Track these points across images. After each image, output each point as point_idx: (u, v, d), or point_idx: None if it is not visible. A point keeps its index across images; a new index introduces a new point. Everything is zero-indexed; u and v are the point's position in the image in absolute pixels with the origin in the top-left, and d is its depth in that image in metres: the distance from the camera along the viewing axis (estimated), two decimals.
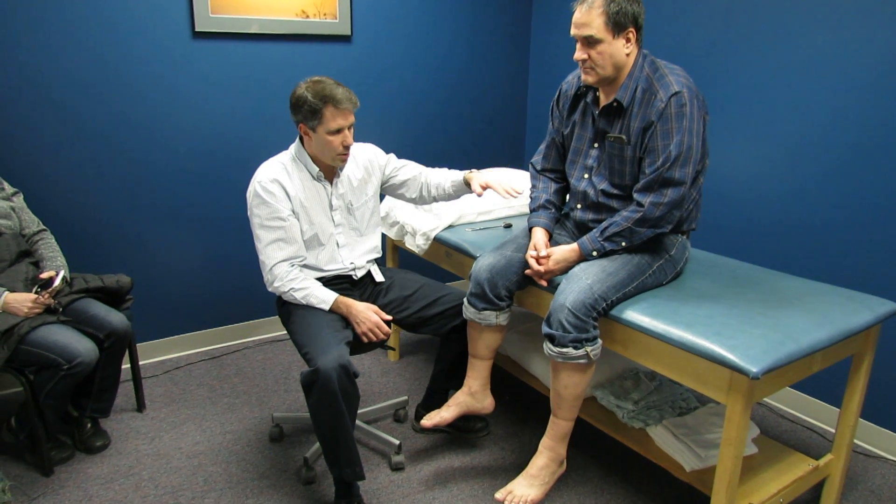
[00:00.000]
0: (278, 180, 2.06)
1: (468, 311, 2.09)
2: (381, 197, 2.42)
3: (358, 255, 2.26)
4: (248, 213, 2.09)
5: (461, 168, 3.39)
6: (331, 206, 2.17)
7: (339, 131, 2.00)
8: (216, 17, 2.73)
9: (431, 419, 2.13)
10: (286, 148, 2.16)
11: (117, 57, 2.61)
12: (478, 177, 2.23)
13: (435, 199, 2.37)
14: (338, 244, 2.20)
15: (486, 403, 2.19)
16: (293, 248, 2.09)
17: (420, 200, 2.38)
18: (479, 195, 2.19)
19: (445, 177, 2.33)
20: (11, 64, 2.44)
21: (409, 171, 2.35)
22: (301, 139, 2.11)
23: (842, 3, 2.29)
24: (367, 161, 2.26)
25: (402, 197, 2.40)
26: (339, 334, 1.99)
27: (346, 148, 2.04)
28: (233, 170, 2.95)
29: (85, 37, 2.53)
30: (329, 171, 2.15)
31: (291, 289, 2.07)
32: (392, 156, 2.35)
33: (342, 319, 2.08)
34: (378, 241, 2.34)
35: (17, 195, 2.34)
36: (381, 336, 2.09)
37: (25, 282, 2.17)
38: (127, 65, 2.64)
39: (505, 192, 2.15)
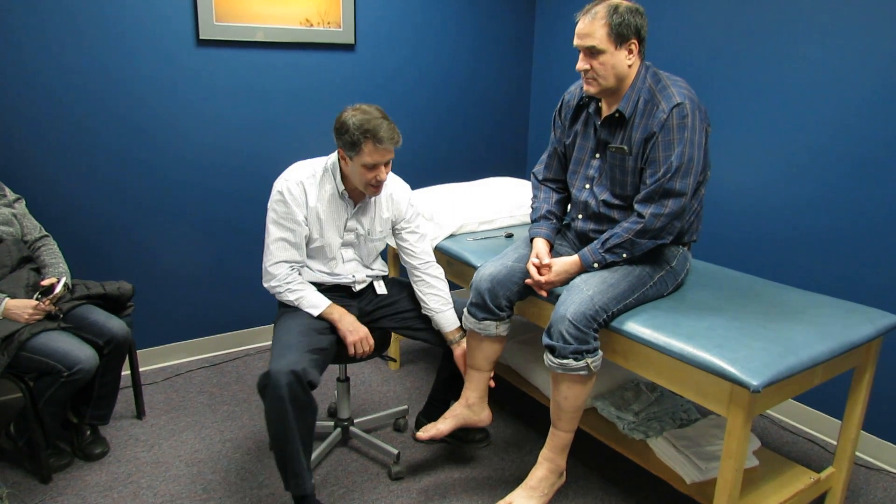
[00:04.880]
0: (304, 185, 2.05)
1: (468, 321, 2.08)
2: None
3: (360, 271, 2.25)
4: (268, 205, 2.08)
5: (464, 178, 3.38)
6: (345, 226, 2.15)
7: (374, 166, 1.97)
8: (220, 24, 2.75)
9: (427, 431, 2.10)
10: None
11: (122, 64, 2.62)
12: (458, 350, 2.16)
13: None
14: (342, 259, 2.20)
15: (483, 416, 2.17)
16: (296, 253, 2.09)
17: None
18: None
19: (434, 304, 2.17)
20: (15, 71, 2.45)
21: (413, 244, 2.24)
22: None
23: (844, 16, 2.29)
24: (397, 207, 2.20)
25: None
26: (309, 339, 1.93)
27: (379, 182, 2.01)
28: (236, 177, 2.96)
29: (89, 43, 2.55)
30: (358, 195, 2.13)
31: (288, 289, 2.07)
32: (415, 213, 2.26)
33: (328, 327, 2.06)
34: (378, 265, 2.32)
35: (20, 201, 2.35)
36: (367, 350, 2.07)
37: (27, 288, 2.17)
38: (131, 72, 2.65)
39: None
